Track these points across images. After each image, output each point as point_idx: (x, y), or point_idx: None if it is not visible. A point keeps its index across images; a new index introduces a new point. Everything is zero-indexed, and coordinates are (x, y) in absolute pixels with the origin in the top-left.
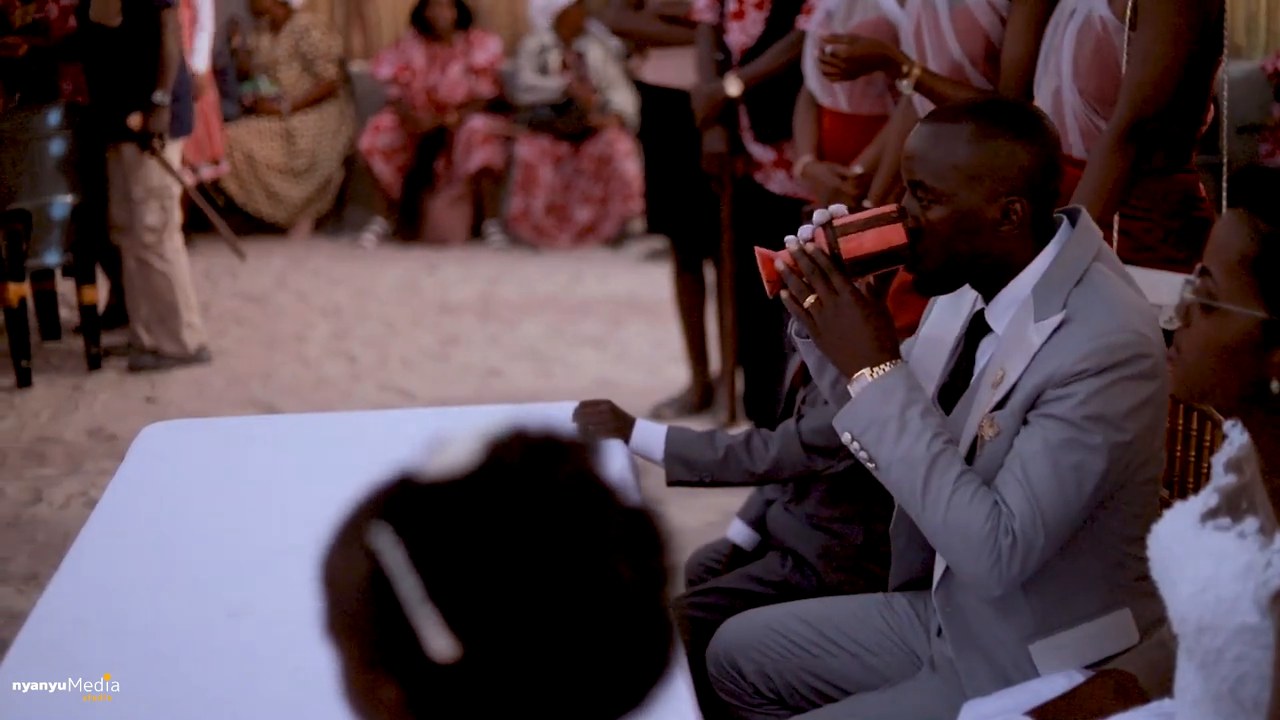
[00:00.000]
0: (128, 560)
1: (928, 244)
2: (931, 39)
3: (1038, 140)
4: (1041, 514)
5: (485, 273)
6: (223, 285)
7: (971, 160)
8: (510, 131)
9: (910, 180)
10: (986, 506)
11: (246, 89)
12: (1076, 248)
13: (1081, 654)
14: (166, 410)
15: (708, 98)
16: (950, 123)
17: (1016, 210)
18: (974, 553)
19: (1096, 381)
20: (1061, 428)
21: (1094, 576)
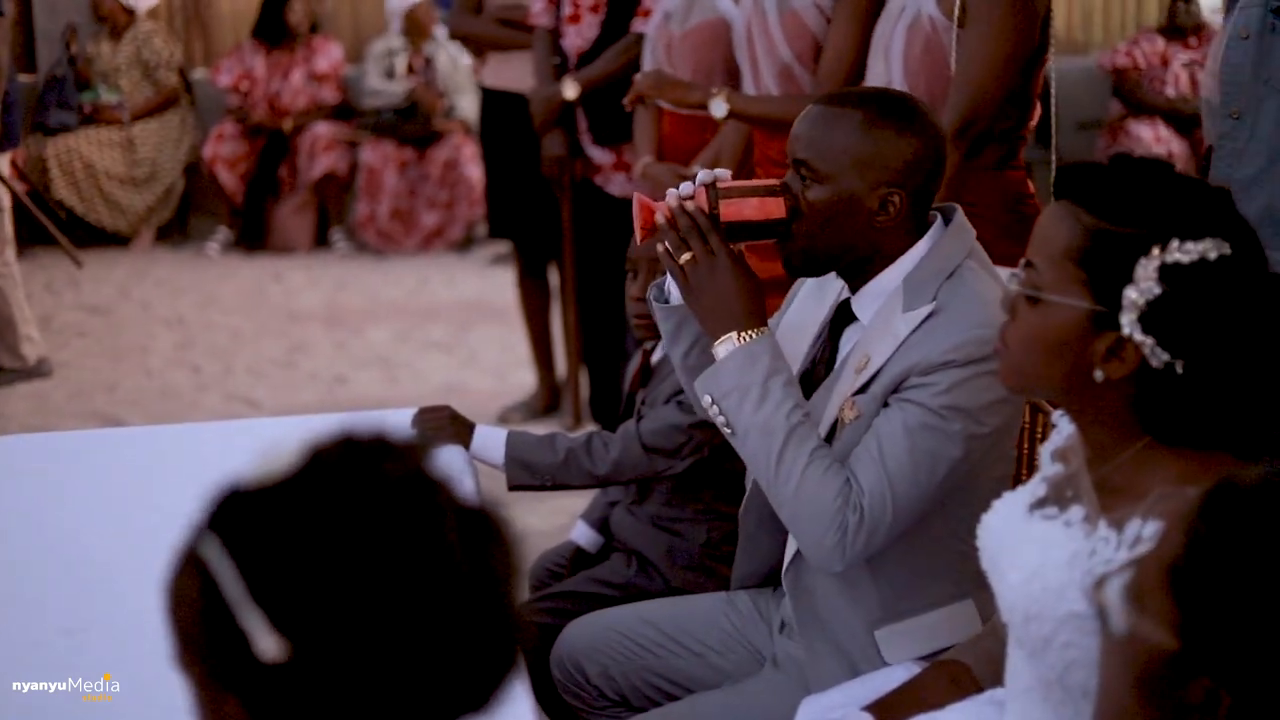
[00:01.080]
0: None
1: (803, 224)
2: (761, 41)
3: (925, 136)
4: (892, 494)
5: (331, 280)
6: (64, 297)
7: (858, 146)
8: (354, 137)
9: (795, 159)
10: (839, 482)
11: (86, 97)
12: (951, 243)
13: (926, 642)
14: (7, 425)
15: (545, 101)
16: (842, 107)
17: (894, 202)
18: (822, 526)
19: (960, 373)
20: (921, 413)
21: (940, 566)
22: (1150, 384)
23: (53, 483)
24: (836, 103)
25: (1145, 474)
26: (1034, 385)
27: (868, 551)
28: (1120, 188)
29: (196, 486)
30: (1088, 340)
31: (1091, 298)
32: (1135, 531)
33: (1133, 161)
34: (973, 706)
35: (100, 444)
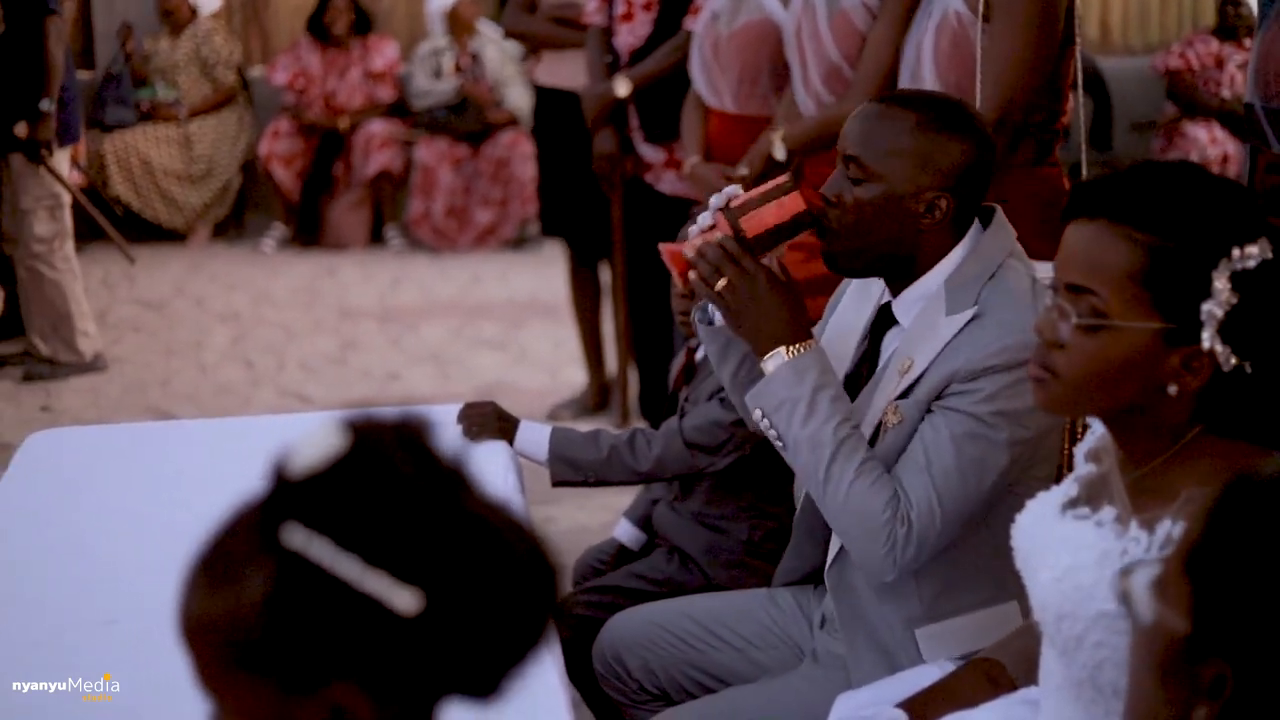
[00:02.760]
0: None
1: (848, 220)
2: (811, 42)
3: (976, 142)
4: (940, 503)
5: (385, 276)
6: (120, 292)
7: (911, 148)
8: (409, 135)
9: (845, 154)
10: (887, 493)
11: (144, 94)
12: (990, 244)
13: (967, 642)
14: (61, 419)
15: (597, 99)
16: (896, 107)
17: (941, 206)
18: (871, 537)
19: (1004, 378)
20: (967, 421)
21: (984, 567)
22: (1217, 388)
23: (106, 475)
24: (891, 103)
25: (1177, 476)
26: (1091, 409)
27: (918, 561)
28: (1163, 201)
29: (250, 480)
30: (1160, 358)
31: (1160, 316)
32: (1166, 532)
33: (1159, 168)
34: (1007, 705)
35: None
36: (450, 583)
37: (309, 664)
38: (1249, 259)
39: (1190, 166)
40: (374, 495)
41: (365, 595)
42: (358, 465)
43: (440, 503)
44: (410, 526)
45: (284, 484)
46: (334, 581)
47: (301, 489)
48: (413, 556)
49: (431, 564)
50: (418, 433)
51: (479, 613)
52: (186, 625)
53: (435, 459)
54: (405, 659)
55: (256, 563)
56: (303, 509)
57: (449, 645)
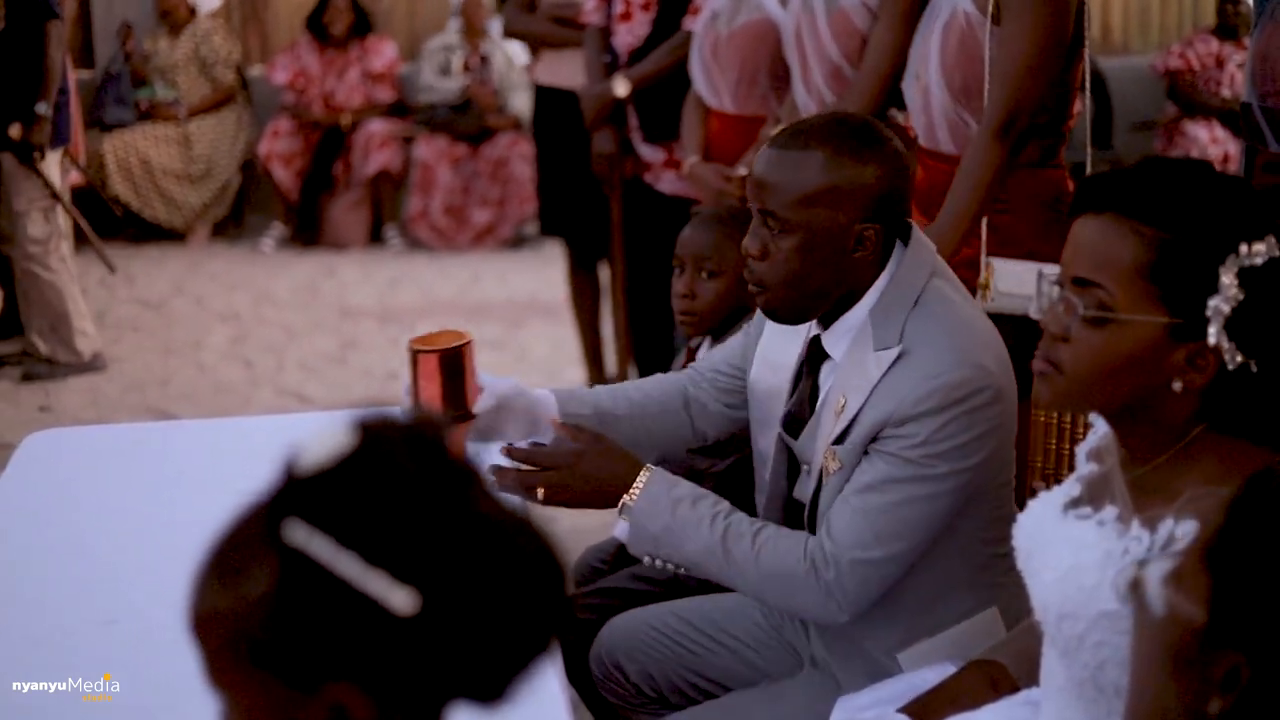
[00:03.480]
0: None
1: (780, 274)
2: (811, 41)
3: (888, 162)
4: (877, 543)
5: (384, 276)
6: (119, 292)
7: (822, 187)
8: (409, 133)
9: (760, 209)
10: (795, 549)
11: (143, 94)
12: (910, 268)
13: (951, 656)
14: (61, 419)
15: (596, 99)
16: (799, 149)
17: (870, 236)
18: (801, 593)
19: (935, 420)
20: (900, 465)
21: (958, 582)
22: (1222, 385)
23: (105, 475)
24: (793, 144)
25: (1179, 475)
26: (1096, 404)
27: (868, 598)
28: (1171, 196)
29: (249, 480)
30: (1165, 353)
31: (1166, 311)
32: (1168, 531)
33: (1167, 164)
34: (1009, 706)
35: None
36: (452, 584)
37: (310, 662)
38: (1256, 256)
39: (1198, 163)
40: (377, 494)
41: (364, 594)
42: (364, 463)
43: (446, 503)
44: (413, 526)
45: (291, 480)
46: (334, 579)
47: (307, 486)
48: (413, 556)
49: (433, 564)
50: (429, 432)
51: (483, 615)
52: (195, 620)
53: (445, 459)
54: (406, 660)
55: (262, 559)
56: (306, 506)
57: (452, 647)
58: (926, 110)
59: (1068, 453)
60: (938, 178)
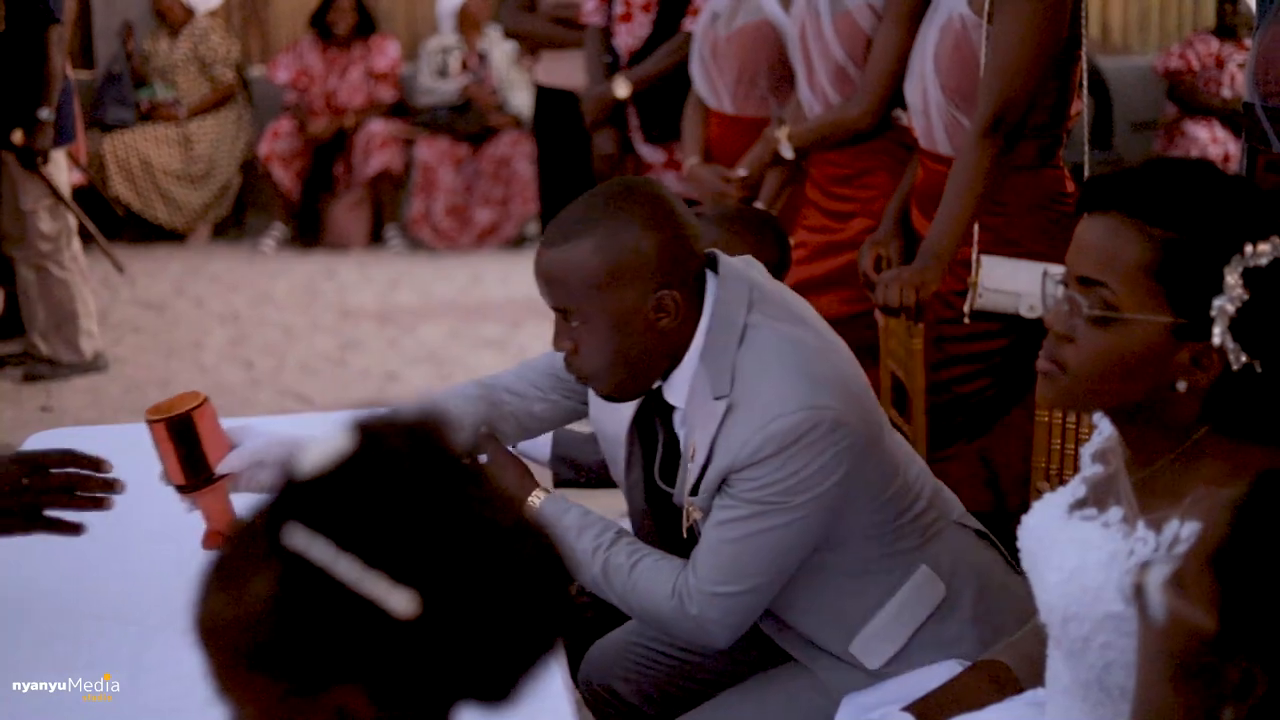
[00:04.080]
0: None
1: (596, 363)
2: (815, 43)
3: (663, 223)
4: (736, 578)
5: (385, 277)
6: (120, 292)
7: (604, 272)
8: (410, 134)
9: (555, 307)
10: (666, 584)
11: (143, 94)
12: (726, 305)
13: (901, 629)
14: (62, 419)
15: (597, 100)
16: (572, 240)
17: (669, 302)
18: (674, 625)
19: (774, 463)
20: (751, 505)
21: (873, 564)
22: (1226, 386)
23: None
24: (561, 238)
25: (1184, 476)
26: (1100, 404)
27: (739, 625)
28: (1177, 196)
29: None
30: (1169, 353)
31: (1171, 311)
32: (1173, 533)
33: (1172, 165)
34: (1013, 707)
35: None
36: (452, 585)
37: (313, 666)
38: (1261, 256)
39: (1204, 163)
40: (376, 496)
41: (365, 597)
42: (362, 466)
43: (445, 505)
44: (411, 528)
45: (290, 484)
46: (335, 583)
47: (306, 490)
48: (413, 559)
49: (432, 567)
50: (429, 433)
51: (484, 616)
52: (200, 626)
53: (444, 459)
54: (408, 662)
55: (263, 564)
56: (306, 509)
57: (454, 649)
58: (925, 112)
59: (1071, 453)
60: (936, 179)
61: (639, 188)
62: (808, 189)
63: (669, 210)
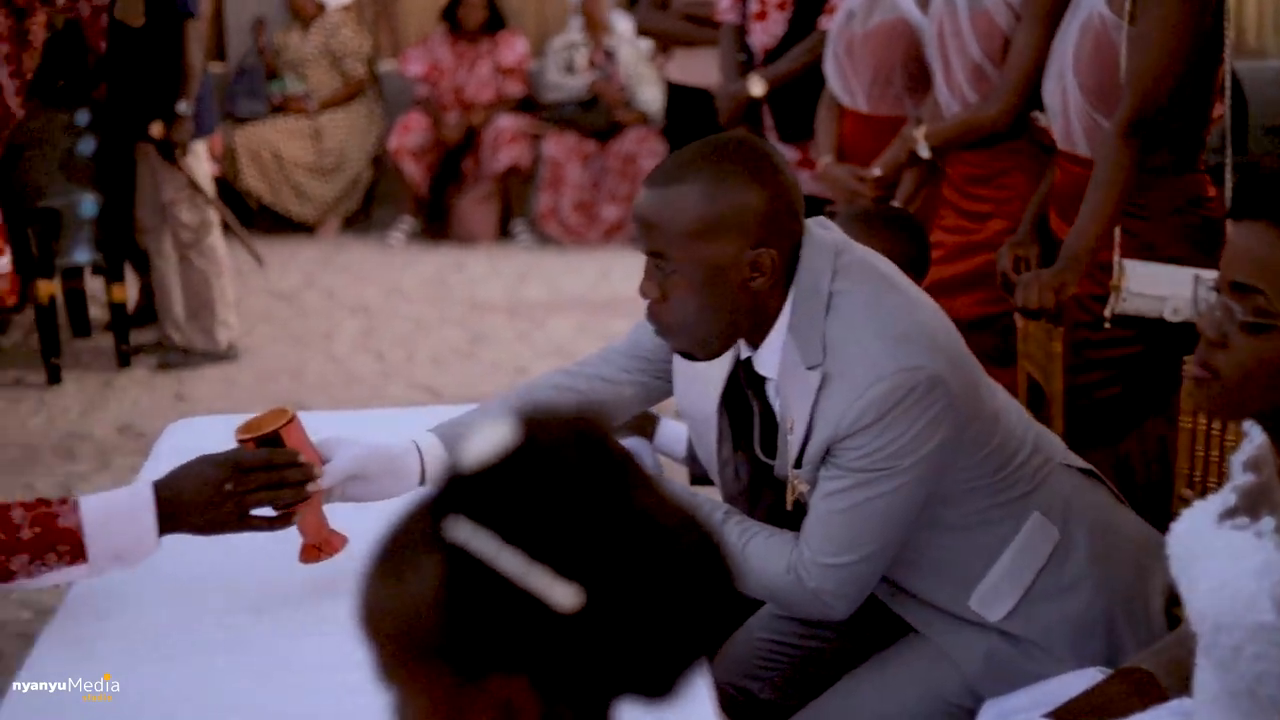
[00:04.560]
0: (157, 556)
1: (679, 315)
2: (953, 41)
3: (770, 181)
4: (849, 548)
5: (513, 271)
6: (252, 283)
7: (706, 220)
8: (538, 129)
9: (648, 251)
10: (780, 558)
11: (274, 88)
12: (811, 275)
13: (1019, 578)
14: (195, 407)
15: (731, 98)
16: (676, 184)
17: (765, 262)
18: (792, 599)
19: (876, 429)
20: (857, 473)
21: (983, 517)
22: None
23: None
24: (670, 179)
25: None
26: (1252, 410)
27: (857, 595)
28: None
29: None
30: None
31: None
32: None
33: None
34: (1158, 716)
35: None
36: (615, 580)
37: (477, 657)
38: None
39: None
40: (540, 490)
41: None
42: (526, 459)
43: (609, 499)
44: (575, 522)
45: (454, 477)
46: (498, 576)
47: (470, 483)
48: (576, 553)
49: (595, 561)
50: (591, 428)
51: (647, 611)
52: (364, 617)
53: (607, 454)
54: (571, 655)
55: (427, 556)
56: (470, 502)
57: (615, 643)
58: (1064, 113)
59: (1216, 460)
60: (1075, 181)
61: (749, 143)
62: (944, 189)
63: (776, 169)
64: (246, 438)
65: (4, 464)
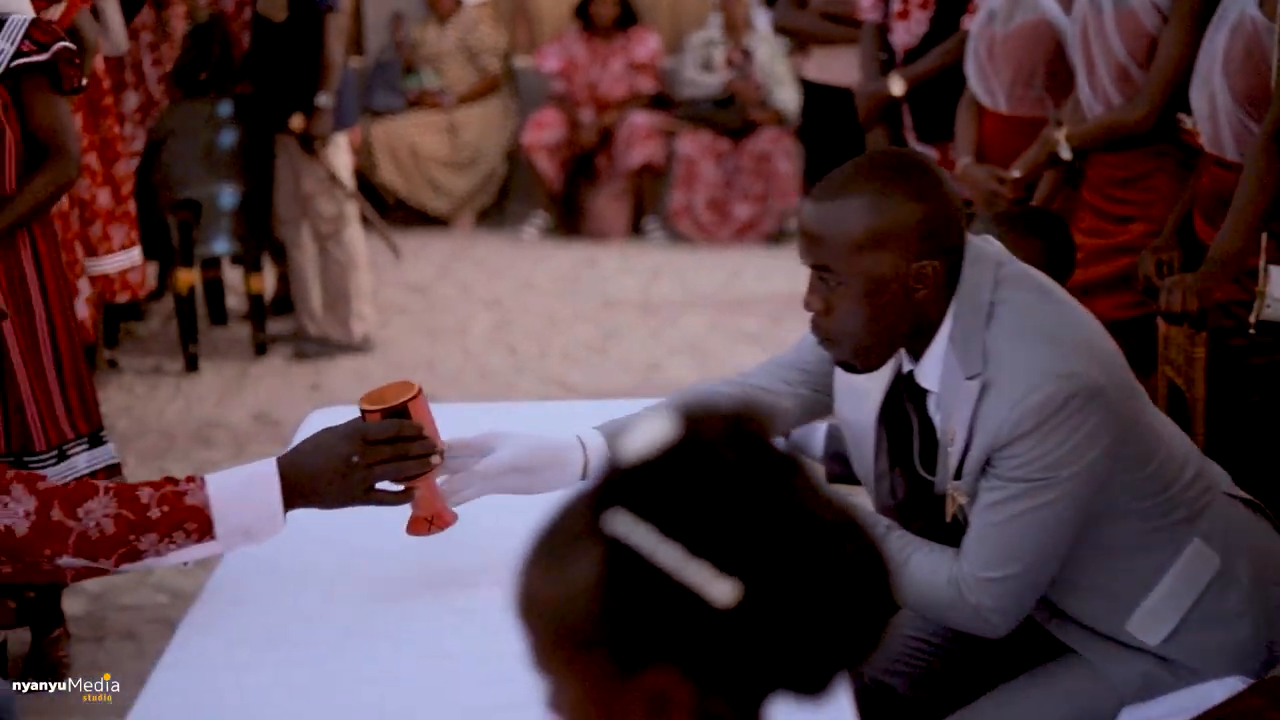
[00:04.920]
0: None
1: (846, 327)
2: (1098, 41)
3: (932, 195)
4: (1010, 561)
5: (645, 267)
6: (386, 275)
7: (869, 233)
8: (672, 127)
9: (813, 265)
10: (940, 572)
11: (410, 82)
12: (972, 286)
13: (1178, 603)
14: (329, 397)
15: (871, 97)
16: (842, 198)
17: (928, 273)
18: (953, 614)
19: (1034, 438)
20: (1016, 484)
21: (1143, 540)
22: None
23: None
24: (833, 194)
25: None
26: None
27: (1019, 610)
28: None
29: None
30: None
31: None
32: None
33: None
34: None
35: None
36: (773, 577)
37: (633, 648)
38: None
39: None
40: (700, 485)
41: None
42: (686, 454)
43: (769, 496)
44: (735, 518)
45: (616, 470)
46: (656, 569)
47: (630, 476)
48: (735, 548)
49: (754, 557)
50: (752, 424)
51: (803, 608)
52: (522, 605)
53: (767, 451)
54: (726, 649)
55: (587, 548)
56: (630, 496)
57: (771, 639)
58: (1212, 116)
59: None
60: (1223, 185)
61: (911, 157)
62: (1084, 191)
63: (938, 182)
64: (373, 409)
65: (142, 450)
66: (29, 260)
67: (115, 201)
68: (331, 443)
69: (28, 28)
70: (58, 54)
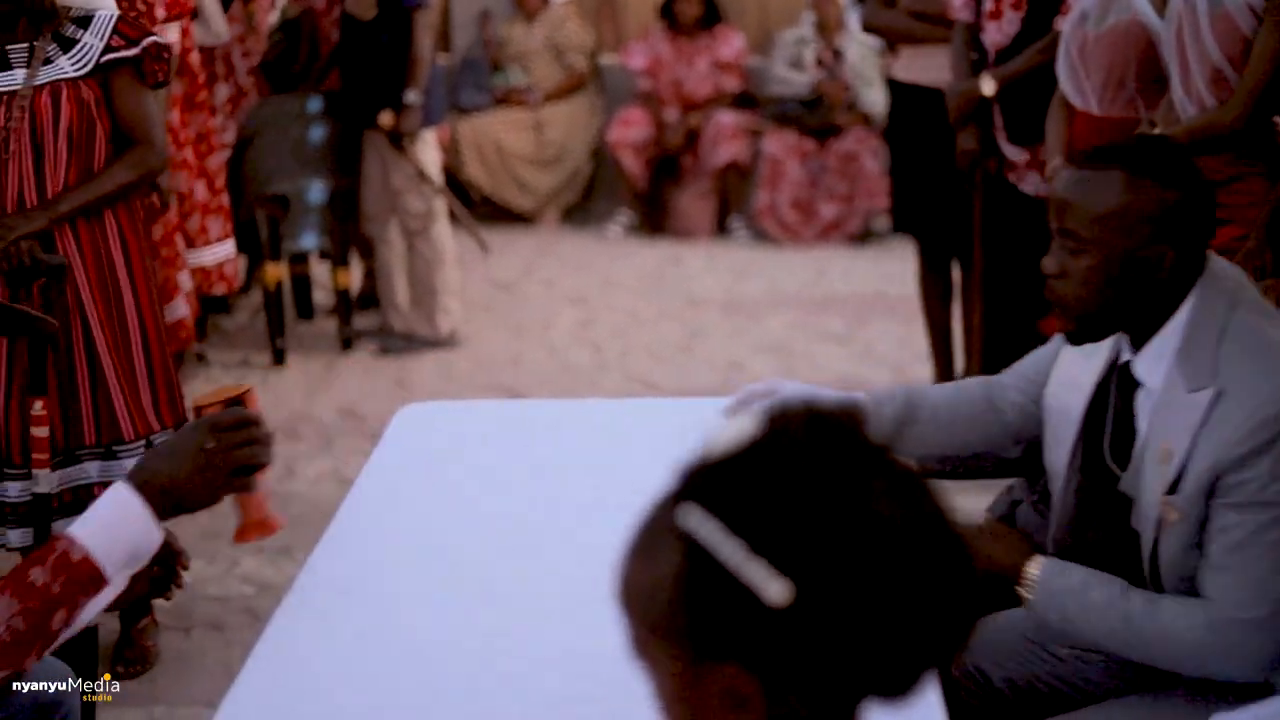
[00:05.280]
0: (385, 537)
1: (1080, 293)
2: (1192, 44)
3: (1187, 185)
4: (1266, 599)
5: (730, 266)
6: (473, 272)
7: (1120, 207)
8: (758, 126)
9: (1058, 228)
10: (1192, 622)
11: (497, 80)
12: (1210, 300)
13: None
14: (415, 392)
15: (962, 96)
16: (1100, 169)
17: (1163, 258)
18: (1210, 662)
19: (1271, 454)
20: (1257, 510)
21: None
22: None
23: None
24: (1095, 164)
25: None
26: None
27: (1273, 649)
28: None
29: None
30: None
31: None
32: None
33: None
34: None
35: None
36: (829, 578)
37: (706, 641)
38: None
39: None
40: (768, 484)
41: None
42: (764, 454)
43: (836, 498)
44: (797, 519)
45: (695, 465)
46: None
47: (706, 471)
48: (793, 548)
49: (810, 558)
50: (839, 424)
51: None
52: (619, 592)
53: (849, 453)
54: (782, 649)
55: (670, 540)
56: (704, 491)
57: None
58: None
59: None
60: None
61: (1176, 146)
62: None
63: (1195, 175)
64: (210, 403)
65: None
66: (118, 253)
67: (211, 194)
68: (179, 442)
69: (115, 23)
70: (146, 49)
